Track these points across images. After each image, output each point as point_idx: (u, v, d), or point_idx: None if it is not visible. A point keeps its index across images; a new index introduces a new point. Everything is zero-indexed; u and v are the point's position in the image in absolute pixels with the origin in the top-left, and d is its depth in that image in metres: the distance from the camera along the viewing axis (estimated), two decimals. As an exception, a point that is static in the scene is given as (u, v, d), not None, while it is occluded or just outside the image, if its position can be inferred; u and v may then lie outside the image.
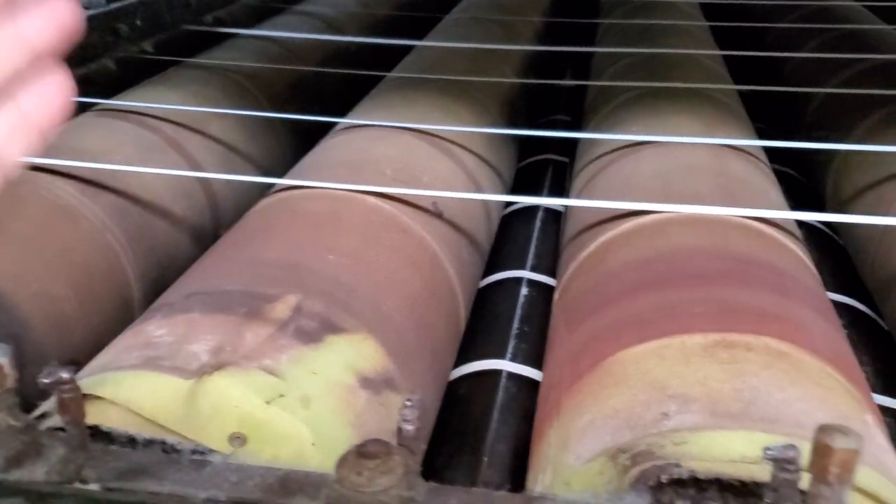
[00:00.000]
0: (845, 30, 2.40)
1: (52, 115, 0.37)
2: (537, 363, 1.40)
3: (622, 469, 0.81)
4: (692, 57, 2.13)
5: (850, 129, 1.90)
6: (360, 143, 1.50)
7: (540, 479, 0.92)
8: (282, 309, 0.99)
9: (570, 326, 1.16)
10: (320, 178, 1.33)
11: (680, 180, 1.36)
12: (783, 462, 0.62)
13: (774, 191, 1.48)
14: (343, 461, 0.61)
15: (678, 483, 0.82)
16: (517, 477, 1.14)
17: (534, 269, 1.73)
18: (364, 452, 0.59)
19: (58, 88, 0.37)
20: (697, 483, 0.82)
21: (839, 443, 0.53)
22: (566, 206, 1.72)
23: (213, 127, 1.78)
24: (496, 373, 1.41)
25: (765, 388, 0.87)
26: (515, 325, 1.55)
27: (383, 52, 2.37)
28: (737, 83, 2.19)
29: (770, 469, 0.64)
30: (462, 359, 1.43)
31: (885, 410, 1.39)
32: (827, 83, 2.14)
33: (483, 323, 1.55)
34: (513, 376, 1.40)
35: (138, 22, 1.95)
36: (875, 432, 0.91)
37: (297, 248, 1.13)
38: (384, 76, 2.01)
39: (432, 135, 1.57)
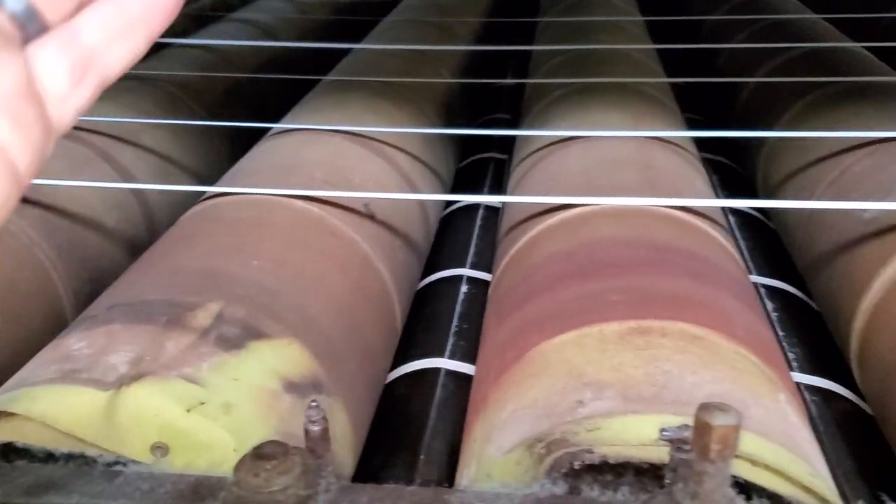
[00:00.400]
0: (772, 20, 2.45)
1: (158, 17, 0.34)
2: (475, 359, 1.41)
3: (538, 458, 0.82)
4: (624, 52, 2.16)
5: (778, 116, 1.94)
6: (291, 148, 1.50)
7: (465, 473, 0.93)
8: (203, 317, 0.99)
9: (499, 320, 1.17)
10: (248, 185, 1.33)
11: (604, 173, 1.38)
12: (679, 442, 0.64)
13: (700, 180, 1.51)
14: (241, 463, 0.61)
15: (595, 469, 0.83)
16: (453, 473, 1.15)
17: (473, 267, 1.75)
18: (261, 454, 0.60)
19: None
20: (614, 469, 0.84)
21: (718, 420, 0.55)
22: (503, 203, 1.74)
23: (145, 138, 1.76)
24: (434, 371, 1.42)
25: (678, 372, 0.89)
26: (455, 322, 1.56)
27: (320, 56, 2.37)
28: (673, 76, 2.23)
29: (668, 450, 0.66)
30: (402, 359, 1.44)
31: (815, 390, 1.42)
32: (756, 73, 2.19)
33: (423, 322, 1.56)
34: (451, 373, 1.41)
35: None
36: (787, 410, 0.94)
37: (220, 255, 1.13)
38: (319, 80, 2.01)
39: (365, 136, 1.57)
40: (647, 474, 0.82)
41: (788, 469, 0.80)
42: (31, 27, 0.30)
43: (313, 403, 0.65)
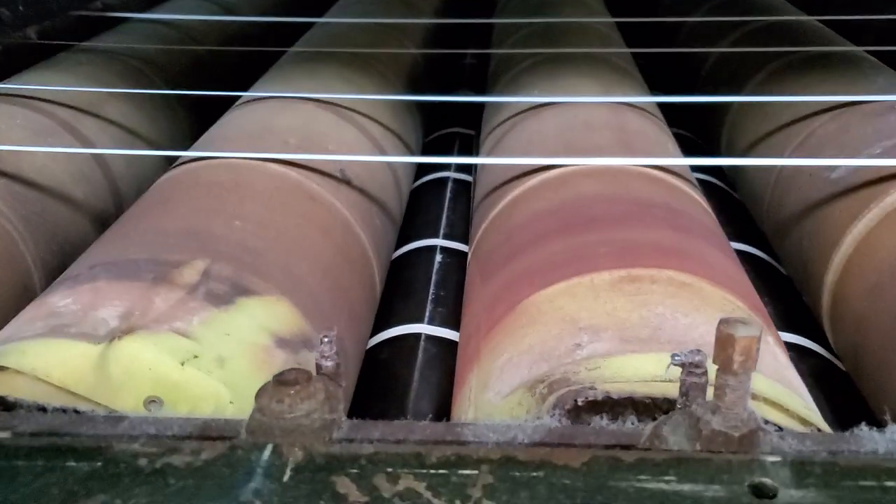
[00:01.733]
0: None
1: None
2: (453, 324, 1.42)
3: (540, 398, 0.83)
4: (589, 25, 2.18)
5: (741, 86, 1.97)
6: (262, 114, 1.48)
7: (462, 420, 0.93)
8: (190, 273, 0.97)
9: (484, 279, 1.17)
10: (221, 150, 1.31)
11: (581, 136, 1.39)
12: (690, 366, 0.64)
13: (671, 143, 1.53)
14: (262, 391, 0.60)
15: (595, 408, 0.84)
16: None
17: (447, 237, 1.75)
18: (283, 381, 0.59)
19: None
20: (613, 407, 0.85)
21: (741, 332, 0.56)
22: (475, 174, 1.74)
23: (108, 109, 1.72)
24: (415, 336, 1.42)
25: (670, 315, 0.90)
26: (431, 290, 1.56)
27: (282, 32, 2.34)
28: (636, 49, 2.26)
29: (679, 375, 0.66)
30: (382, 325, 1.44)
31: (789, 346, 1.46)
32: (717, 45, 2.22)
33: (400, 290, 1.56)
34: (431, 338, 1.41)
35: (21, 8, 1.87)
36: (777, 351, 0.96)
37: (201, 216, 1.11)
38: (284, 52, 1.99)
39: (337, 104, 1.56)
40: (646, 412, 0.83)
41: (785, 402, 0.82)
42: None
43: (325, 338, 0.64)
